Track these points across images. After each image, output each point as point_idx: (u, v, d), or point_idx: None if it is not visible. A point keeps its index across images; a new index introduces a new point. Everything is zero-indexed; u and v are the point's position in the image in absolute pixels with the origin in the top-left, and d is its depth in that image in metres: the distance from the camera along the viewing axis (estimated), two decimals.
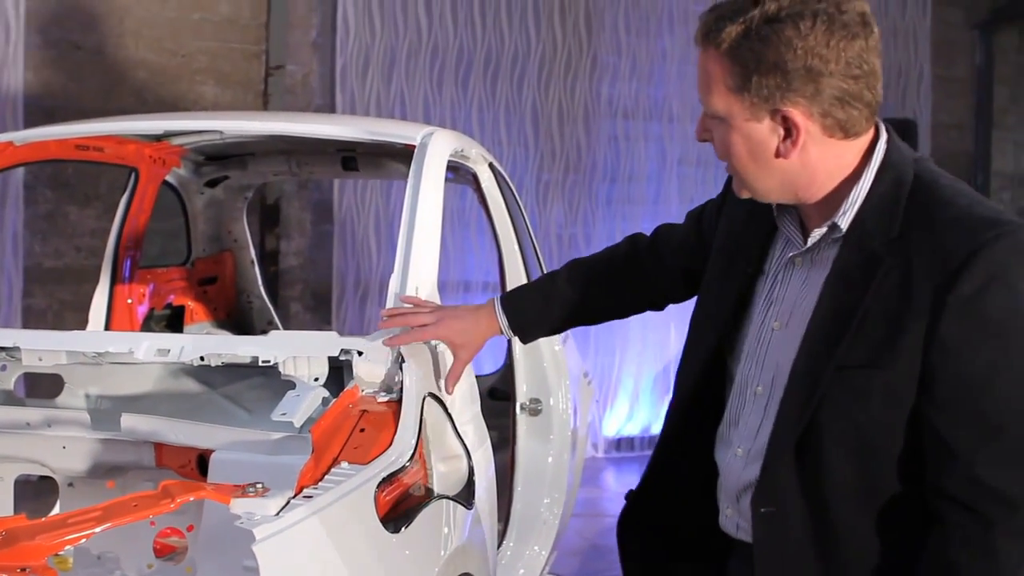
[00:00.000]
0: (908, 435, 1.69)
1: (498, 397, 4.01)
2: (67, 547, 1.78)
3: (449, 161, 3.04)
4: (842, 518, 1.74)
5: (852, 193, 1.74)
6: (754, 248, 1.92)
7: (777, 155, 1.73)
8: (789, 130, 1.70)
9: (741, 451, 1.88)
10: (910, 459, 1.70)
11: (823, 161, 1.74)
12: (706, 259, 2.07)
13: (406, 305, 2.42)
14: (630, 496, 2.12)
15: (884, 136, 1.78)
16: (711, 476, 1.99)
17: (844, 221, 1.74)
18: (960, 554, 1.65)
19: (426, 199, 2.73)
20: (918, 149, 8.45)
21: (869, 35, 1.68)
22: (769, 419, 1.82)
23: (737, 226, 1.98)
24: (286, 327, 4.85)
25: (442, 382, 2.48)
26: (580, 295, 2.35)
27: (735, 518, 1.91)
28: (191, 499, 1.85)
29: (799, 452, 1.74)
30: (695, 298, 2.11)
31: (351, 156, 3.91)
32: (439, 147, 2.96)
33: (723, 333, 1.94)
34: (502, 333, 2.38)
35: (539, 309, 2.38)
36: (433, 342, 2.49)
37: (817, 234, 1.79)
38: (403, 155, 3.04)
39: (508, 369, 3.66)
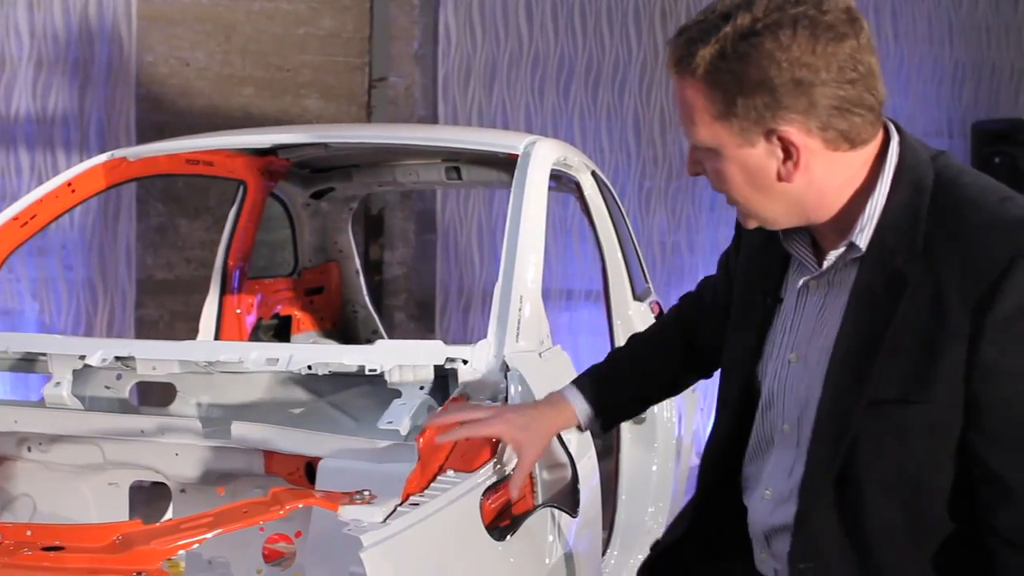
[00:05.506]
0: (957, 467, 1.52)
1: None
2: (180, 552, 1.82)
3: (552, 169, 3.04)
4: (887, 564, 1.57)
5: (868, 207, 1.56)
6: (770, 275, 1.75)
7: (779, 179, 1.55)
8: (788, 150, 1.53)
9: (770, 492, 1.73)
10: (960, 493, 1.53)
11: (830, 177, 1.56)
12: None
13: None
14: (656, 546, 2.00)
15: (895, 138, 1.59)
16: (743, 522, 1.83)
17: (862, 239, 1.57)
18: None
19: (529, 208, 2.73)
20: None
21: (859, 32, 1.49)
22: (802, 459, 1.66)
23: (753, 253, 1.80)
24: (390, 336, 4.90)
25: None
26: (645, 370, 2.15)
27: (770, 562, 1.76)
28: (300, 506, 1.87)
29: (836, 498, 1.59)
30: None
31: (454, 166, 3.93)
32: (542, 156, 2.96)
33: (750, 373, 1.77)
34: (577, 425, 2.12)
35: (613, 388, 2.13)
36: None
37: (833, 256, 1.61)
38: (506, 164, 3.04)
39: None
